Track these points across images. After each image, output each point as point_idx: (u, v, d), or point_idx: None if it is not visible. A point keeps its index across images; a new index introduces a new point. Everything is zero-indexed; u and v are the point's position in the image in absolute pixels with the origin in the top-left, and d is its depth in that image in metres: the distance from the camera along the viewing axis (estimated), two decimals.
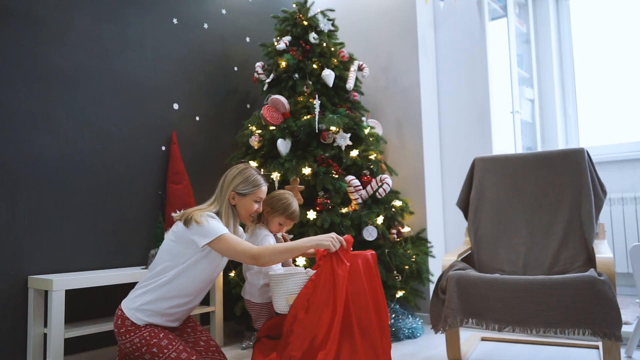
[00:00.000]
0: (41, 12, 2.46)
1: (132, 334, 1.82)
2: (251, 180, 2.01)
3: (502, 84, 3.52)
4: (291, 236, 2.57)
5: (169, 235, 1.93)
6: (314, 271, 2.00)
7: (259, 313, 2.38)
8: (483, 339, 2.71)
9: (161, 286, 1.85)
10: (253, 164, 2.92)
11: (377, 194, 2.88)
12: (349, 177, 2.82)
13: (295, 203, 2.35)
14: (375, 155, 2.98)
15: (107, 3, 2.73)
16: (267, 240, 2.28)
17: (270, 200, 2.32)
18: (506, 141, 3.46)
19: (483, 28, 3.40)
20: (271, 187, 2.66)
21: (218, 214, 1.96)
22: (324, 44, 3.18)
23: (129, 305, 1.86)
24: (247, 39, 3.53)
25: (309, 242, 1.87)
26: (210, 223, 1.84)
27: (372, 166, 2.93)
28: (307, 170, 2.77)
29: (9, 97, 2.33)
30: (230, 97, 3.38)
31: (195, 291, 1.92)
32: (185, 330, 2.02)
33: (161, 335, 1.82)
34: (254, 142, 2.98)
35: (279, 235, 2.43)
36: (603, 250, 2.23)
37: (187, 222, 1.85)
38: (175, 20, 3.07)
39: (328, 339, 1.76)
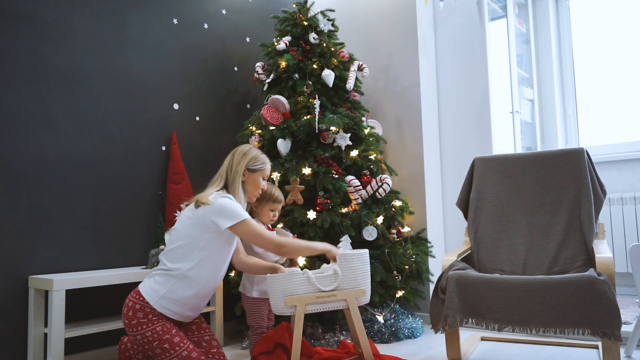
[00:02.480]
0: (42, 12, 2.46)
1: (144, 326, 1.81)
2: (260, 157, 2.09)
3: (502, 84, 3.52)
4: (289, 233, 2.55)
5: (183, 219, 1.93)
6: (312, 272, 2.01)
7: (250, 309, 2.36)
8: (483, 339, 2.71)
9: (184, 272, 1.86)
10: None
11: (377, 194, 2.88)
12: (349, 177, 2.82)
13: (273, 187, 2.39)
14: (375, 155, 2.98)
15: (107, 3, 2.73)
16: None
17: None
18: (506, 141, 3.46)
19: (483, 28, 3.40)
20: None
21: (228, 190, 1.99)
22: (324, 44, 3.18)
23: (152, 293, 1.84)
24: (247, 39, 3.54)
25: (323, 246, 2.03)
26: (234, 206, 1.89)
27: (372, 166, 2.93)
28: (307, 170, 2.77)
29: (9, 97, 2.33)
30: (230, 97, 3.38)
31: (213, 278, 1.93)
32: (190, 328, 2.02)
33: (173, 332, 1.82)
34: (254, 142, 2.98)
35: (285, 231, 2.44)
36: (603, 250, 2.23)
37: (206, 201, 1.87)
38: (175, 21, 3.07)
39: None
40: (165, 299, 1.84)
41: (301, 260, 2.60)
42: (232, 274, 2.81)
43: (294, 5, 3.25)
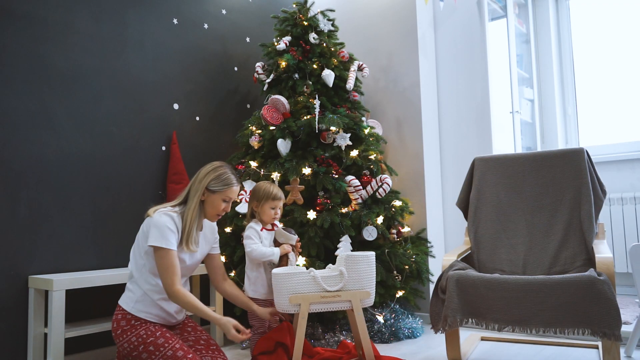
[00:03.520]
0: (41, 12, 2.46)
1: (128, 333, 1.83)
2: (223, 178, 1.99)
3: (502, 84, 3.52)
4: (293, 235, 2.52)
5: (140, 230, 1.96)
6: (318, 271, 2.01)
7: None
8: (483, 339, 2.71)
9: (137, 280, 1.90)
10: (253, 164, 2.92)
11: (377, 194, 2.88)
12: (349, 177, 2.82)
13: (272, 185, 2.38)
14: (375, 155, 2.98)
15: (107, 3, 2.73)
16: (249, 231, 2.31)
17: (252, 198, 2.37)
18: (506, 141, 3.46)
19: (483, 28, 3.40)
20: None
21: (185, 206, 1.96)
22: (324, 44, 3.19)
23: (128, 300, 1.89)
24: (247, 39, 3.54)
25: (213, 319, 1.90)
26: (166, 230, 1.85)
27: (372, 166, 2.93)
28: (307, 170, 2.77)
29: (9, 97, 2.33)
30: (230, 97, 3.38)
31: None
32: (186, 330, 2.03)
33: (158, 334, 1.84)
34: (254, 142, 2.98)
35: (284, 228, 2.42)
36: (603, 250, 2.23)
37: (150, 213, 1.90)
38: (175, 21, 3.07)
39: None
40: (140, 302, 1.88)
41: (301, 260, 2.60)
42: (232, 274, 2.81)
43: (294, 5, 3.25)
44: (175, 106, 3.04)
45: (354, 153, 2.91)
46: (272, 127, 2.95)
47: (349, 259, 2.04)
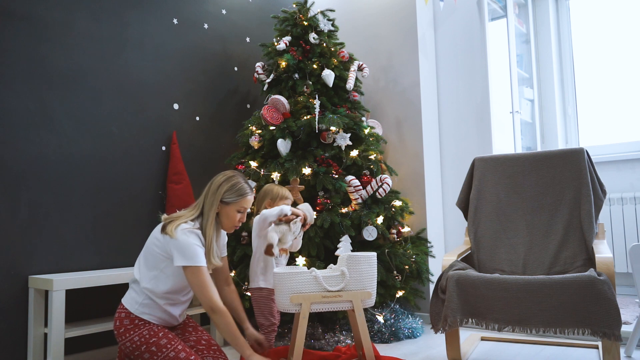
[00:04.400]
0: (41, 12, 2.46)
1: (131, 332, 1.84)
2: (236, 189, 1.98)
3: (502, 84, 3.52)
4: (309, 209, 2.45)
5: (152, 239, 1.94)
6: (319, 271, 2.01)
7: (259, 304, 2.31)
8: (483, 339, 2.72)
9: (143, 287, 1.90)
10: (253, 164, 2.92)
11: (377, 194, 2.88)
12: (349, 177, 2.82)
13: (282, 188, 2.45)
14: (375, 155, 2.98)
15: (107, 3, 2.73)
16: (254, 222, 2.33)
17: (265, 196, 2.40)
18: (506, 141, 3.46)
19: (483, 28, 3.40)
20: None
21: (202, 220, 1.95)
22: (324, 44, 3.19)
23: (132, 302, 1.90)
24: (247, 39, 3.54)
25: (243, 351, 1.89)
26: (195, 248, 1.85)
27: (372, 166, 2.93)
28: (307, 170, 2.77)
29: (9, 97, 2.33)
30: (230, 97, 3.38)
31: (176, 292, 1.94)
32: (187, 330, 2.04)
33: (160, 335, 1.84)
34: (254, 142, 2.98)
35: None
36: (603, 250, 2.23)
37: (171, 233, 1.85)
38: (175, 20, 3.07)
39: None
40: (144, 305, 1.89)
41: (301, 260, 2.60)
42: (232, 274, 2.81)
43: (294, 5, 3.25)
44: (175, 106, 3.04)
45: (354, 153, 2.91)
46: (272, 127, 2.95)
47: (350, 259, 2.04)
